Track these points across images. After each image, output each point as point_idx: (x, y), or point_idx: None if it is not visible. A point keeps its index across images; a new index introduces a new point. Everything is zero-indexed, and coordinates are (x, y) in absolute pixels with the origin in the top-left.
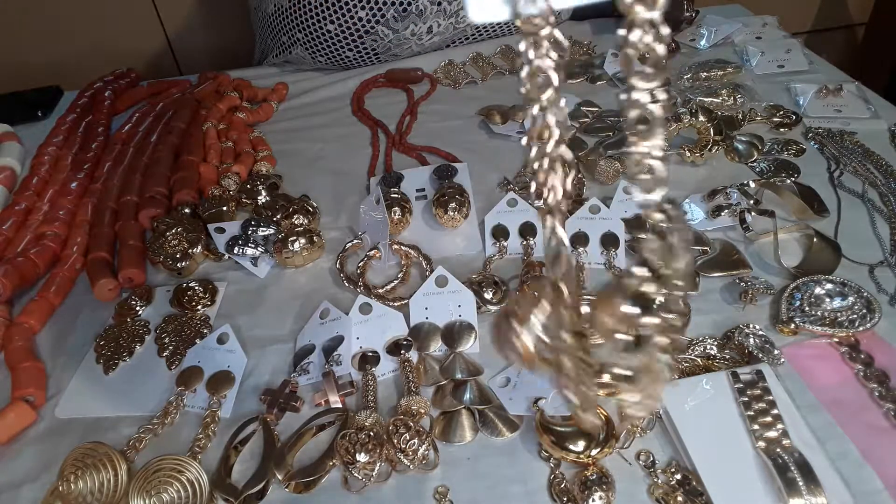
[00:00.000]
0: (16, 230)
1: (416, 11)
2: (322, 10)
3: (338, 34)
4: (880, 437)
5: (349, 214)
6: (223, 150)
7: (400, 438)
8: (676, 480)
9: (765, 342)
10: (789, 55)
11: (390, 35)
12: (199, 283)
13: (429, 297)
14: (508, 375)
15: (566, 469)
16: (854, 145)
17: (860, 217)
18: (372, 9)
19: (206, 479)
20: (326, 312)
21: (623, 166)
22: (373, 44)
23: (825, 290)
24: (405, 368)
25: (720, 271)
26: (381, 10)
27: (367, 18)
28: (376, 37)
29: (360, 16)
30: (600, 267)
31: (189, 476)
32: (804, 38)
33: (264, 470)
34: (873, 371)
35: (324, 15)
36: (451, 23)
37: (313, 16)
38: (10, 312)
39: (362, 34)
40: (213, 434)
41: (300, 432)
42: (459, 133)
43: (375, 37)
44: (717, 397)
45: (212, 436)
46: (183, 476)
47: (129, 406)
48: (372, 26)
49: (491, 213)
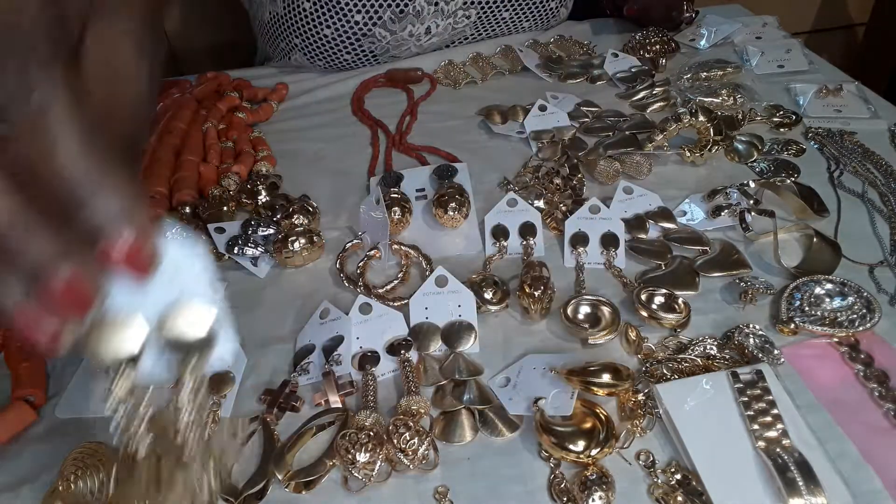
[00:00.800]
0: None
1: (413, 12)
2: (318, 15)
3: (335, 38)
4: (880, 437)
5: (349, 214)
6: (223, 150)
7: (400, 438)
8: (676, 480)
9: (765, 342)
10: (789, 55)
11: (388, 37)
12: None
13: (429, 296)
14: (508, 375)
15: (566, 469)
16: (854, 145)
17: (860, 217)
18: (368, 12)
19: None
20: (326, 312)
21: (623, 166)
22: (371, 46)
23: (825, 290)
24: (405, 368)
25: (720, 271)
26: (378, 12)
27: (363, 22)
28: (374, 39)
29: (356, 19)
30: (600, 267)
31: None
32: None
33: (264, 470)
34: (873, 371)
35: (320, 20)
36: (450, 23)
37: (309, 21)
38: None
39: (359, 37)
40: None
41: (300, 432)
42: (459, 133)
43: (373, 39)
44: (716, 397)
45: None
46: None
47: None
48: (369, 29)
49: (491, 212)
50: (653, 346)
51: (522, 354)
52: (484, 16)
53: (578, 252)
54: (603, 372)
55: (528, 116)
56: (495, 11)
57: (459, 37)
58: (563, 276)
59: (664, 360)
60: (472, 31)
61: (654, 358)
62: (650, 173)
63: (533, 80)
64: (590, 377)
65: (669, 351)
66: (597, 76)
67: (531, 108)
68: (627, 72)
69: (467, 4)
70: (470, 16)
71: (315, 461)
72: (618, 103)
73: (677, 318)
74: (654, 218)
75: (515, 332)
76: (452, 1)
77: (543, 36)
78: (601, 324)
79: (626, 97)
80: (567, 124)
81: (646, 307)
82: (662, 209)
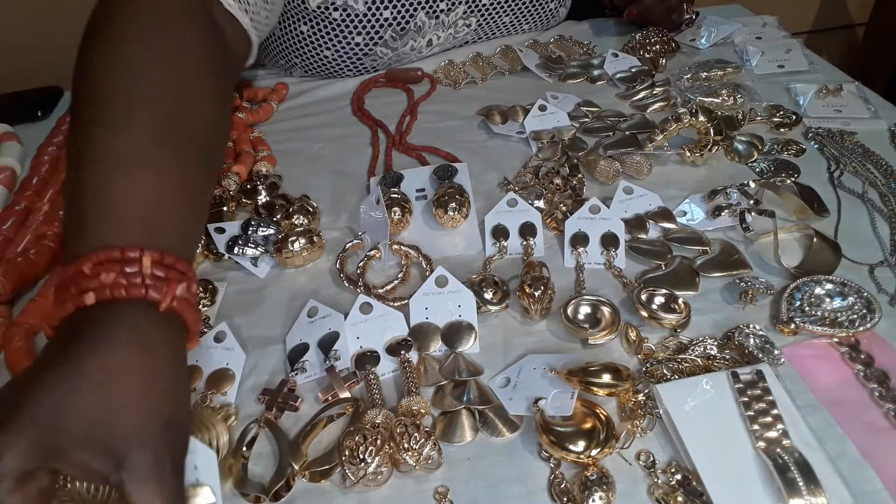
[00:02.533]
0: (16, 230)
1: (414, 28)
2: (317, 38)
3: (335, 59)
4: (880, 438)
5: (349, 214)
6: None
7: (410, 439)
8: (676, 481)
9: (765, 342)
10: (789, 55)
11: (389, 53)
12: (199, 283)
13: (429, 297)
14: (508, 376)
15: (566, 469)
16: (854, 145)
17: (860, 217)
18: (369, 33)
19: (226, 437)
20: (315, 311)
21: (623, 166)
22: (372, 63)
23: (825, 291)
24: (405, 369)
25: (720, 271)
26: (379, 32)
27: (364, 42)
28: (375, 57)
29: (356, 41)
30: (600, 267)
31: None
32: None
33: (285, 464)
34: (873, 371)
35: (319, 43)
36: (451, 33)
37: (309, 43)
38: (10, 313)
39: (360, 56)
40: None
41: (313, 423)
42: (459, 133)
43: (374, 57)
44: (717, 397)
45: None
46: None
47: None
48: (370, 48)
49: (491, 213)
50: (653, 347)
51: (522, 355)
52: (484, 22)
53: (578, 252)
54: (603, 372)
55: (528, 116)
56: (495, 17)
57: (461, 43)
58: (563, 276)
59: (664, 361)
60: (473, 37)
61: (655, 358)
62: (650, 173)
63: (533, 80)
64: (590, 377)
65: (669, 351)
66: (597, 76)
67: (531, 109)
68: (627, 72)
69: (467, 13)
70: (470, 24)
71: (329, 451)
72: (618, 103)
73: (677, 319)
74: (654, 218)
75: (515, 332)
76: (453, 11)
77: (543, 36)
78: (601, 324)
79: (626, 97)
80: (567, 124)
81: (646, 307)
82: (662, 209)
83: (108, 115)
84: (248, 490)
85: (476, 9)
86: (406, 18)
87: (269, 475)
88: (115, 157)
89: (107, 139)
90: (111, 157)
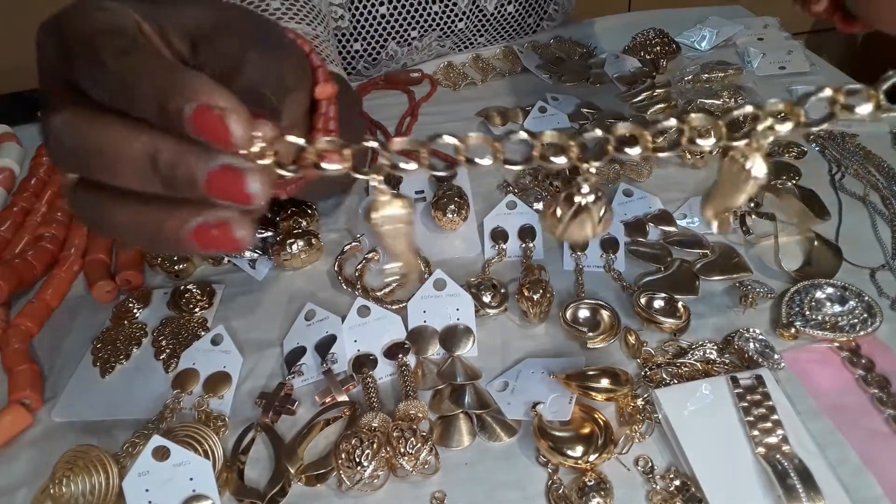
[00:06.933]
0: (14, 231)
1: (386, 57)
2: None
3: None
4: (881, 443)
5: (348, 216)
6: None
7: (407, 443)
8: (675, 486)
9: (765, 346)
10: (790, 57)
11: (364, 79)
12: (196, 286)
13: (427, 300)
14: (507, 379)
15: (564, 474)
16: (855, 148)
17: (861, 220)
18: (340, 64)
19: (220, 450)
20: (312, 314)
21: (623, 168)
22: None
23: (826, 294)
24: (403, 372)
25: (720, 275)
26: (351, 63)
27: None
28: (351, 81)
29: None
30: (599, 270)
31: (206, 447)
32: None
33: (281, 468)
34: (874, 376)
35: None
36: (426, 53)
37: None
38: (7, 314)
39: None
40: None
41: (309, 426)
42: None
43: (350, 81)
44: (716, 402)
45: None
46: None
47: (126, 409)
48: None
49: (490, 215)
50: (652, 351)
51: (521, 358)
52: (459, 41)
53: (578, 255)
54: (602, 376)
55: (528, 118)
56: (470, 37)
57: (434, 56)
58: (562, 279)
59: (663, 365)
60: (453, 49)
61: (654, 362)
62: (650, 176)
63: (533, 82)
64: (588, 382)
65: (669, 355)
66: (597, 77)
67: (531, 110)
68: (628, 73)
69: (441, 38)
70: (445, 45)
71: (326, 454)
72: (618, 105)
73: (677, 322)
74: (653, 221)
75: (514, 335)
76: (426, 37)
77: (543, 37)
78: (600, 328)
79: (627, 98)
80: (567, 126)
81: (645, 311)
82: (662, 212)
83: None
84: (244, 496)
85: (451, 32)
86: (377, 49)
87: (266, 479)
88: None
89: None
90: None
